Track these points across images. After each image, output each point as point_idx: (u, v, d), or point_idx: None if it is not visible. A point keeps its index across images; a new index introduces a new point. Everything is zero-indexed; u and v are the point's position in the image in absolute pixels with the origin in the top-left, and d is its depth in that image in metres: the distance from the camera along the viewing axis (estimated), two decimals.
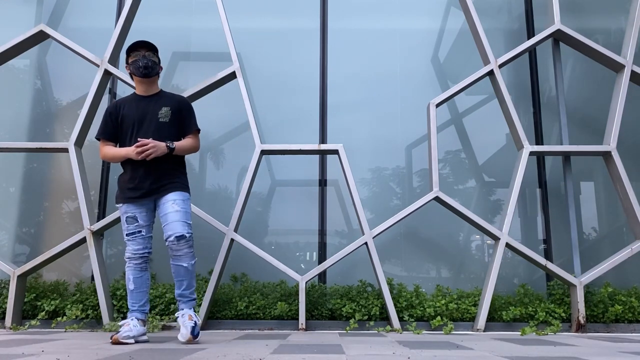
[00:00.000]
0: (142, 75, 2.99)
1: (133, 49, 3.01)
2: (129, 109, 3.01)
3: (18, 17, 4.98)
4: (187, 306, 2.93)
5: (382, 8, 4.98)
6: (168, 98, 3.10)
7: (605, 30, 5.03)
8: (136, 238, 2.94)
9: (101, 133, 3.04)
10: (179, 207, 2.92)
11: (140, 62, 2.96)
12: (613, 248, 4.22)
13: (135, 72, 2.99)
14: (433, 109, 4.16)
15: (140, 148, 2.84)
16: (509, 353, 2.38)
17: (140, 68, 2.96)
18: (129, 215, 2.94)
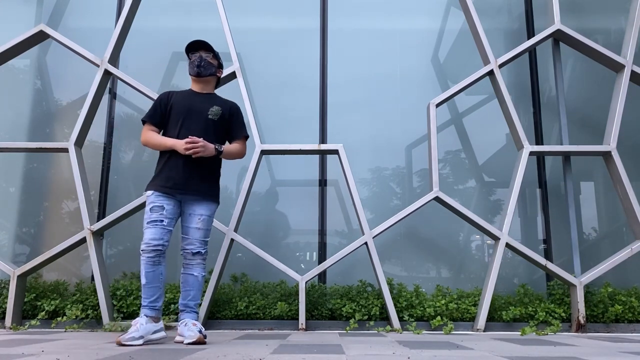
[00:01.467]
0: (196, 74, 3.08)
1: (192, 49, 3.10)
2: (182, 99, 3.07)
3: (18, 17, 4.98)
4: (190, 317, 2.92)
5: (382, 8, 4.98)
6: (221, 100, 3.19)
7: (605, 30, 5.03)
8: (156, 226, 2.84)
9: (148, 117, 3.05)
10: (202, 226, 2.98)
11: (196, 62, 3.07)
12: (613, 248, 4.22)
13: (190, 71, 3.10)
14: (433, 109, 4.16)
15: (190, 145, 2.85)
16: (509, 353, 2.38)
17: (195, 67, 3.07)
18: (156, 205, 2.87)
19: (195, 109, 3.04)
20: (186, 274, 3.00)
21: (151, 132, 3.03)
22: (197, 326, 2.81)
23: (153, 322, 2.80)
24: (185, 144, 2.86)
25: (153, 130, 3.05)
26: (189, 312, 2.94)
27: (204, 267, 3.03)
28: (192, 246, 2.97)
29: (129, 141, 4.76)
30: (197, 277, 2.98)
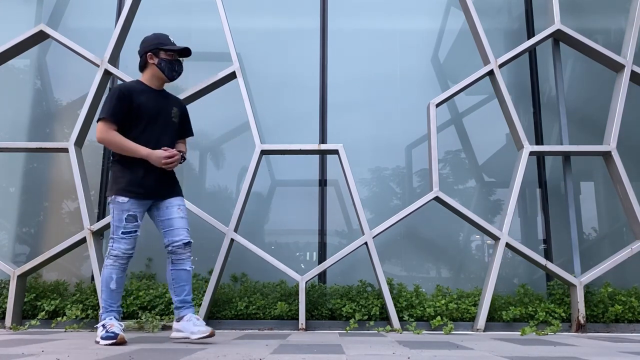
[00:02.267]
0: (171, 78, 3.00)
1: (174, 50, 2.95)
2: (146, 100, 2.91)
3: (18, 17, 4.98)
4: (191, 311, 2.88)
5: (382, 8, 4.98)
6: (173, 98, 3.13)
7: (605, 30, 5.03)
8: (131, 237, 2.82)
9: (110, 114, 2.80)
10: (183, 214, 2.95)
11: (176, 66, 2.98)
12: (613, 248, 4.22)
13: (167, 73, 2.96)
14: (433, 109, 4.16)
15: (169, 160, 2.82)
16: (509, 353, 2.37)
17: (173, 72, 2.99)
18: (131, 214, 2.81)
19: (162, 113, 2.95)
20: (178, 270, 2.89)
21: (115, 132, 2.81)
22: (201, 321, 2.81)
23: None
24: (165, 158, 2.81)
25: (113, 128, 2.82)
26: (188, 308, 2.88)
27: (191, 259, 2.95)
28: (182, 236, 2.88)
29: None
30: (189, 271, 2.92)
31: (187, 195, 4.23)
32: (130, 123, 2.87)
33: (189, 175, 4.72)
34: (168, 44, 2.96)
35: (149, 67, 2.99)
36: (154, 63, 2.96)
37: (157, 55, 2.95)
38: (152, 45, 2.96)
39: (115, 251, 2.80)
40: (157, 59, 2.95)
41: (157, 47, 2.95)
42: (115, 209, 2.82)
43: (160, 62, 2.95)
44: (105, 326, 2.71)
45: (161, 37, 2.99)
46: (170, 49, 2.95)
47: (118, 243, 2.81)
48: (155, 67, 2.96)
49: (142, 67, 3.03)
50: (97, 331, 2.77)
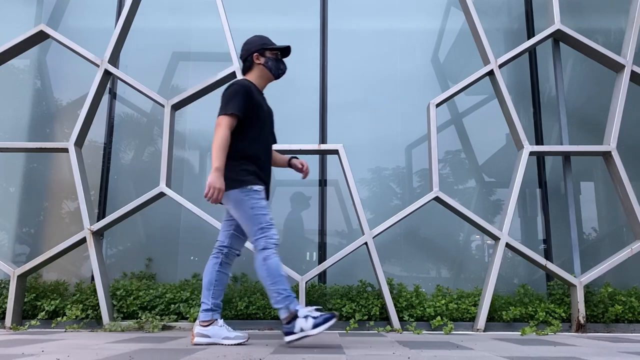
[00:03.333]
0: (277, 76, 2.99)
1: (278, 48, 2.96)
2: (262, 100, 2.91)
3: (18, 17, 4.98)
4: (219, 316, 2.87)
5: (382, 8, 4.98)
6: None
7: (605, 30, 5.03)
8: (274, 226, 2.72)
9: (238, 110, 2.72)
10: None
11: (281, 65, 2.98)
12: (613, 248, 4.22)
13: (274, 71, 2.95)
14: (433, 109, 4.16)
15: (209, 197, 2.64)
16: (509, 353, 2.37)
17: (279, 70, 2.98)
18: (265, 202, 2.73)
19: (269, 115, 3.00)
20: (224, 273, 2.87)
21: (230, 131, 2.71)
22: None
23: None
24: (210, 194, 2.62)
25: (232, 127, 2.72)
26: (219, 312, 2.85)
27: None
28: (242, 248, 2.96)
29: (129, 141, 4.76)
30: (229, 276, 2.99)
31: (188, 195, 4.24)
32: (250, 122, 2.81)
33: (189, 175, 4.72)
34: (271, 44, 2.97)
35: (255, 68, 2.95)
36: (260, 63, 2.94)
37: (264, 55, 2.94)
38: (257, 45, 2.94)
39: (272, 239, 2.66)
40: (264, 59, 2.94)
41: (262, 47, 2.94)
42: (253, 197, 2.69)
43: (267, 61, 2.94)
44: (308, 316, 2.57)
45: (264, 38, 3.00)
46: (275, 48, 2.96)
47: (270, 230, 2.68)
48: (263, 66, 2.94)
49: (248, 68, 2.98)
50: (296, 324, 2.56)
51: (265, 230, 2.67)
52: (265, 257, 2.64)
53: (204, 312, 2.80)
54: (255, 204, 2.69)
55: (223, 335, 2.72)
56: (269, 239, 2.66)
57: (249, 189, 2.71)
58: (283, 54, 3.02)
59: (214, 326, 2.75)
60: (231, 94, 2.78)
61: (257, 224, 2.67)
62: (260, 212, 2.68)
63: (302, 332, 2.55)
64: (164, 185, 4.02)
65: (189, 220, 4.49)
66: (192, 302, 3.93)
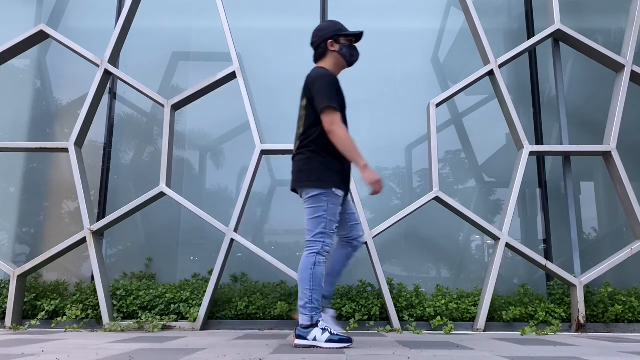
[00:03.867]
0: (350, 64, 2.91)
1: (353, 34, 2.86)
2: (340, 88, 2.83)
3: (18, 17, 4.98)
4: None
5: (382, 8, 4.98)
6: None
7: (605, 30, 5.03)
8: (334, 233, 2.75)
9: (336, 103, 2.72)
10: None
11: (354, 52, 2.88)
12: (613, 248, 4.22)
13: (348, 58, 2.86)
14: (433, 109, 4.16)
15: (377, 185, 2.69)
16: (509, 353, 2.37)
17: (354, 57, 2.89)
18: (338, 209, 2.74)
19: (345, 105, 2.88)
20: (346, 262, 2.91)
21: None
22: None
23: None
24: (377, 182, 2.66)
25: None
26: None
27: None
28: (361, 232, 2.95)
29: (129, 141, 4.76)
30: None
31: (188, 195, 4.24)
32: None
33: (189, 175, 4.72)
34: (345, 30, 2.86)
35: (329, 55, 2.85)
36: (335, 50, 2.83)
37: (338, 42, 2.83)
38: (331, 32, 2.83)
39: (327, 247, 2.66)
40: (339, 46, 2.83)
41: (336, 33, 2.83)
42: (331, 202, 2.67)
43: (341, 47, 2.83)
44: (326, 329, 2.58)
45: (337, 23, 2.88)
46: (349, 34, 2.85)
47: (329, 238, 2.67)
48: (337, 53, 2.84)
49: (321, 55, 2.87)
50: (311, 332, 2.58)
51: (327, 237, 2.66)
52: (315, 263, 2.63)
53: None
54: (331, 209, 2.67)
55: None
56: (326, 246, 2.66)
57: (332, 191, 2.69)
58: (357, 39, 2.90)
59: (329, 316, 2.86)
60: (322, 85, 2.70)
61: (322, 228, 2.66)
62: (331, 219, 2.67)
63: (314, 342, 2.57)
64: (164, 185, 4.02)
65: (189, 220, 4.49)
66: (192, 302, 3.93)
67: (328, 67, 2.85)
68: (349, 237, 2.91)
